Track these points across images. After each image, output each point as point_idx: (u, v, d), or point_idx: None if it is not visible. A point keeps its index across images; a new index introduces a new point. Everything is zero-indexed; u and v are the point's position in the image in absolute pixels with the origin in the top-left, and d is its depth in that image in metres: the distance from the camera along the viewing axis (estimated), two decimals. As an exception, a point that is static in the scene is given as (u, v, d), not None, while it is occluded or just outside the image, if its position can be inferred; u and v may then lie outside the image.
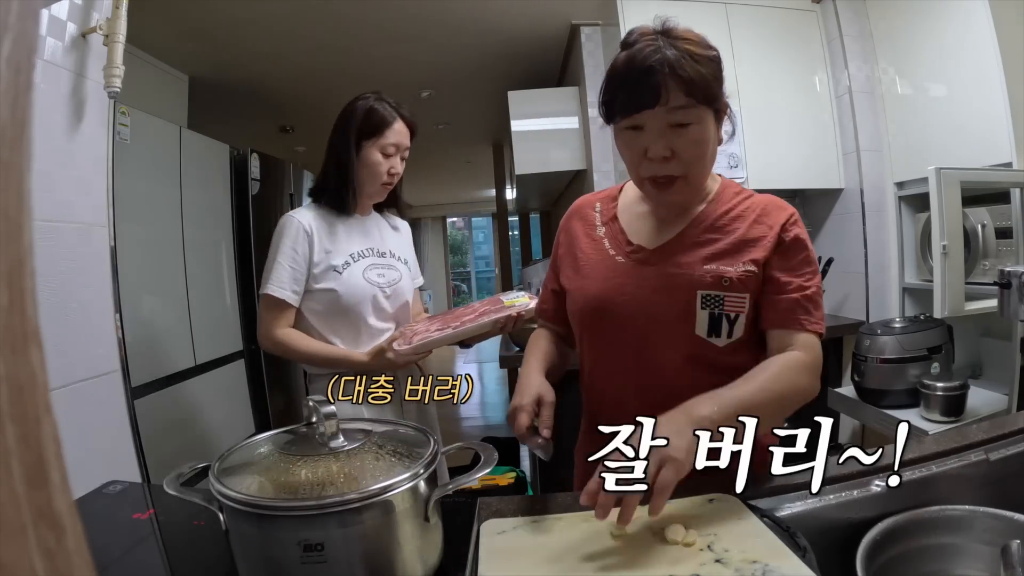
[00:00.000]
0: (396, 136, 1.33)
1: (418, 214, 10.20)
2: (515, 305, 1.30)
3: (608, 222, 0.96)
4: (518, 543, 0.65)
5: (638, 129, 0.80)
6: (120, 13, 1.30)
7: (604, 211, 0.98)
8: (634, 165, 0.84)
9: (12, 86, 0.17)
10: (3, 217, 0.16)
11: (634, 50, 0.79)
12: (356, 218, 1.38)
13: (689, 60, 0.77)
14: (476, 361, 7.00)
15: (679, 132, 0.79)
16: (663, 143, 0.79)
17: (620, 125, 0.82)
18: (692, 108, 0.78)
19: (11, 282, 0.16)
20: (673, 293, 0.85)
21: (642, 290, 0.87)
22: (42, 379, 0.17)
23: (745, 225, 0.87)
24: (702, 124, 0.80)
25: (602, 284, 0.91)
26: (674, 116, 0.78)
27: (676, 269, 0.86)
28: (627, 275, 0.89)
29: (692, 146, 0.80)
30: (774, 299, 0.84)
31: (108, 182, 1.42)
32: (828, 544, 0.67)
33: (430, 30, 2.77)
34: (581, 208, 1.03)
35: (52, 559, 0.17)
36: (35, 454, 0.17)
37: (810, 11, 2.38)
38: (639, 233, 0.92)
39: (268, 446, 0.65)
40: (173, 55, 2.75)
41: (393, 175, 1.35)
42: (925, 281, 2.05)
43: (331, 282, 1.27)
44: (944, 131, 1.92)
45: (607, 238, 0.95)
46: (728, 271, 0.84)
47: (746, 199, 0.90)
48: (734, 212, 0.88)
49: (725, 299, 0.84)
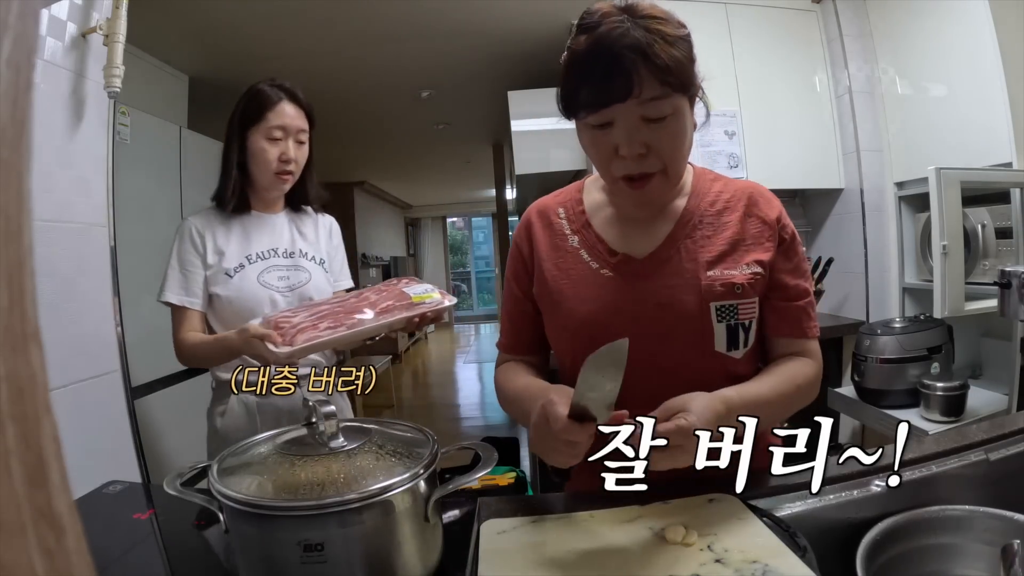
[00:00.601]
0: (281, 118, 1.21)
1: (418, 214, 10.20)
2: (423, 303, 1.11)
3: (580, 230, 0.84)
4: (518, 543, 0.65)
5: (607, 126, 0.71)
6: (120, 13, 1.30)
7: (571, 216, 0.86)
8: (604, 164, 0.74)
9: (12, 86, 0.17)
10: (3, 217, 0.16)
11: (598, 34, 0.68)
12: (258, 216, 1.26)
13: (662, 43, 0.67)
14: (476, 361, 7.00)
15: (654, 126, 0.70)
16: (637, 140, 0.70)
17: (585, 121, 0.73)
18: (667, 98, 0.69)
19: (11, 282, 0.16)
20: (682, 308, 0.77)
21: (643, 308, 0.78)
22: (42, 379, 0.17)
23: (735, 218, 0.81)
24: (678, 114, 0.71)
25: (590, 306, 0.79)
26: (648, 109, 0.69)
27: (678, 280, 0.78)
28: (619, 292, 0.79)
29: (669, 140, 0.72)
30: (782, 306, 0.81)
31: (108, 182, 1.43)
32: (828, 544, 0.67)
33: (430, 30, 2.76)
34: (542, 214, 0.88)
35: (52, 559, 0.17)
36: (35, 454, 0.17)
37: (810, 11, 2.38)
38: (620, 240, 0.82)
39: (268, 446, 0.65)
40: (173, 55, 2.75)
41: (286, 162, 1.22)
42: (925, 281, 2.05)
43: (222, 287, 1.19)
44: (944, 131, 1.92)
45: (584, 248, 0.83)
46: (735, 275, 0.77)
47: (723, 185, 0.84)
48: (718, 204, 0.82)
49: (739, 308, 0.78)
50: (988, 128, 1.72)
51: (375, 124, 4.38)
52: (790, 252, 0.82)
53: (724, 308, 0.77)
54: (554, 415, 0.62)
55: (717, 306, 0.77)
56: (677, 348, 0.77)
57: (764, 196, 0.83)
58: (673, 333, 0.77)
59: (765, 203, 0.82)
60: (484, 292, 11.35)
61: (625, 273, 0.80)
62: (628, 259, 0.80)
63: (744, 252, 0.79)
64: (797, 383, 0.78)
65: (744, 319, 0.78)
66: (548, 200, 0.91)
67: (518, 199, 4.54)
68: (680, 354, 0.78)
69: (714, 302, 0.77)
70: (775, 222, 0.81)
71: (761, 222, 0.81)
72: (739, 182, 0.85)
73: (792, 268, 0.81)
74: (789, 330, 0.81)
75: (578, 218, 0.85)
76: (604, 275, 0.80)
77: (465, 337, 9.36)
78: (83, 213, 1.34)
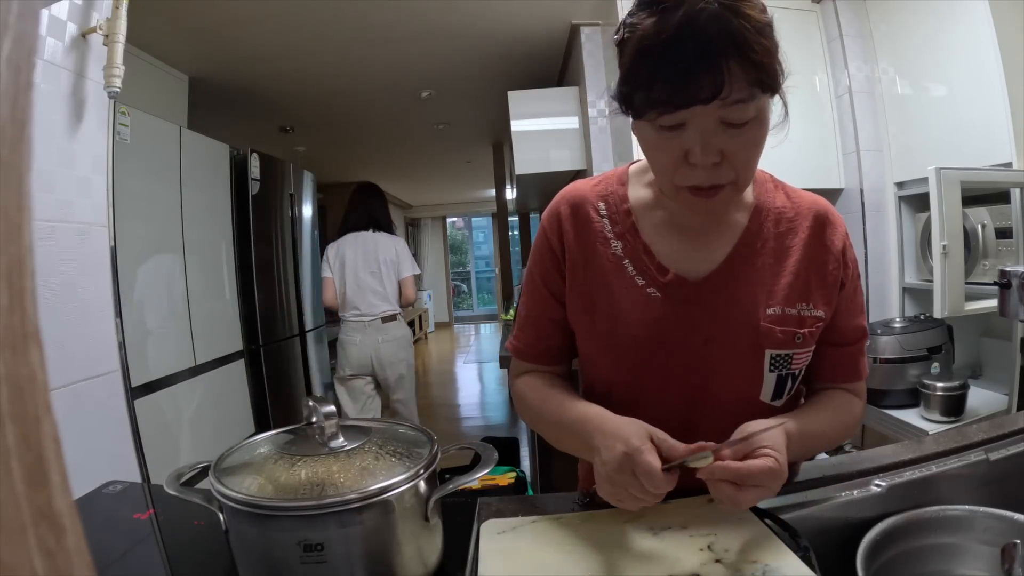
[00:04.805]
0: None
1: (418, 214, 10.21)
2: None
3: (624, 234, 0.72)
4: (518, 543, 0.65)
5: (677, 128, 0.59)
6: (120, 13, 1.30)
7: (614, 216, 0.73)
8: (667, 171, 0.62)
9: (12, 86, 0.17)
10: (3, 217, 0.16)
11: (680, 16, 0.54)
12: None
13: (754, 33, 0.55)
14: (476, 361, 7.00)
15: (732, 131, 0.58)
16: (713, 147, 0.58)
17: (654, 122, 0.60)
18: (753, 100, 0.57)
19: (11, 282, 0.16)
20: (733, 350, 0.69)
21: (691, 342, 0.69)
22: (42, 379, 0.17)
23: (799, 242, 0.70)
24: (760, 118, 0.60)
25: (633, 331, 0.70)
26: (730, 112, 0.57)
27: (734, 312, 0.68)
28: (667, 320, 0.69)
29: (748, 148, 0.60)
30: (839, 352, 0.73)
31: (108, 182, 1.43)
32: (828, 544, 0.67)
33: (430, 30, 2.77)
34: (578, 207, 0.75)
35: (52, 559, 0.17)
36: (35, 454, 0.17)
37: (810, 11, 2.38)
38: (672, 254, 0.71)
39: (268, 446, 0.65)
40: (173, 55, 2.75)
41: None
42: (925, 281, 2.05)
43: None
44: (944, 131, 1.92)
45: (629, 259, 0.71)
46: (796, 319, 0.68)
47: (786, 199, 0.73)
48: (782, 223, 0.71)
49: (794, 357, 0.69)
50: (988, 128, 1.72)
51: (375, 124, 4.39)
52: (853, 288, 0.73)
53: (779, 358, 0.69)
54: (647, 469, 0.55)
55: (773, 354, 0.68)
56: (719, 389, 0.70)
57: (831, 219, 0.73)
58: (718, 373, 0.70)
59: (832, 228, 0.72)
60: (484, 292, 11.35)
61: (675, 297, 0.69)
62: (680, 281, 0.69)
63: (806, 287, 0.70)
64: (847, 423, 0.74)
65: (796, 368, 0.70)
66: (585, 189, 0.76)
67: (518, 199, 4.54)
68: (720, 395, 0.70)
69: (771, 350, 0.68)
70: (840, 253, 0.71)
71: (827, 251, 0.71)
72: (804, 196, 0.74)
73: (853, 307, 0.73)
74: (845, 377, 0.74)
75: (623, 219, 0.73)
76: (651, 295, 0.70)
77: (465, 337, 9.36)
78: (83, 213, 1.34)
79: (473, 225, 11.49)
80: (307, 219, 3.61)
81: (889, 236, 2.24)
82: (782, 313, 0.68)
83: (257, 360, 2.87)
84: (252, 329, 2.85)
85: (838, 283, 0.71)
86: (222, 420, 2.51)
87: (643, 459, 0.55)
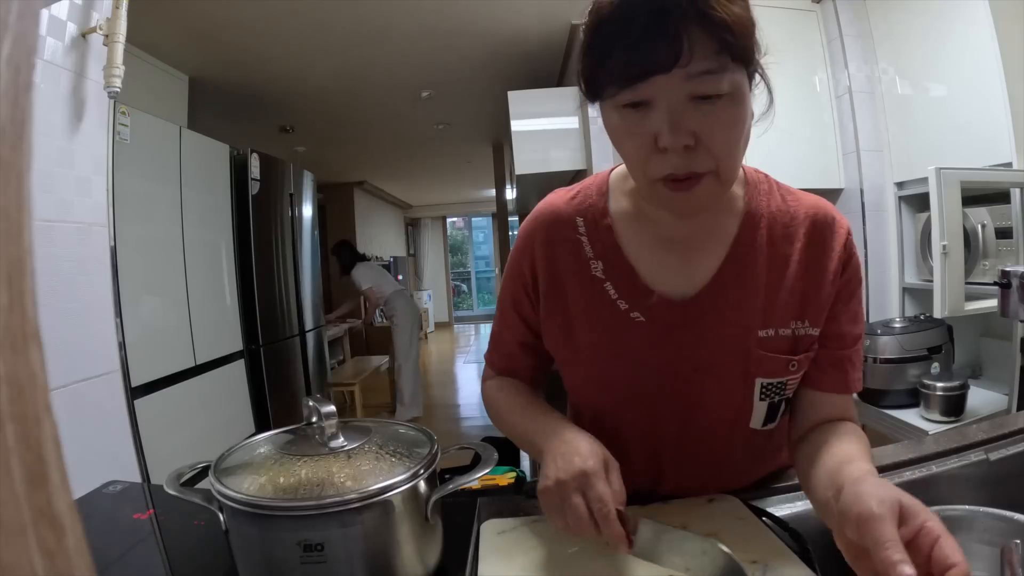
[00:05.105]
0: None
1: (418, 214, 10.20)
2: None
3: (605, 253, 0.67)
4: (518, 543, 0.65)
5: (643, 106, 0.53)
6: (120, 13, 1.30)
7: (593, 233, 0.67)
8: (639, 161, 0.56)
9: (12, 86, 0.17)
10: (3, 217, 0.16)
11: None
12: None
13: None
14: (476, 361, 7.00)
15: (706, 108, 0.52)
16: (683, 126, 0.52)
17: (614, 101, 0.54)
18: (724, 72, 0.51)
19: (11, 282, 0.16)
20: (722, 379, 0.65)
21: (677, 371, 0.65)
22: (42, 379, 0.17)
23: (796, 251, 0.64)
24: (737, 95, 0.53)
25: (615, 361, 0.66)
26: (698, 84, 0.51)
27: (724, 333, 0.63)
28: (652, 347, 0.65)
29: (724, 129, 0.54)
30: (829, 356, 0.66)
31: (108, 182, 1.43)
32: (828, 544, 0.67)
33: (430, 30, 2.77)
34: (553, 227, 0.69)
35: (52, 559, 0.17)
36: (35, 454, 0.17)
37: (810, 11, 2.38)
38: (656, 271, 0.65)
39: (268, 446, 0.65)
40: (173, 55, 2.75)
41: None
42: (925, 281, 2.05)
43: None
44: (944, 131, 1.92)
45: (610, 280, 0.66)
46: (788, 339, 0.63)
47: (782, 202, 0.67)
48: (776, 230, 0.65)
49: (787, 384, 0.65)
50: (988, 128, 1.72)
51: (375, 124, 4.39)
52: (850, 293, 0.66)
53: (771, 386, 0.65)
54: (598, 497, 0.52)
55: (764, 383, 0.64)
56: (706, 418, 0.67)
57: (833, 223, 0.66)
58: (705, 402, 0.66)
59: (833, 234, 0.66)
60: (484, 292, 11.35)
61: (661, 321, 0.64)
62: (666, 303, 0.64)
63: (802, 302, 0.64)
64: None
65: (789, 392, 0.67)
66: (560, 204, 0.70)
67: (518, 199, 4.54)
68: (707, 423, 0.68)
69: (761, 378, 0.64)
70: (837, 257, 0.65)
71: (827, 260, 0.65)
72: (803, 198, 0.68)
73: (849, 313, 0.66)
74: (832, 384, 0.66)
75: (603, 236, 0.67)
76: (635, 320, 0.65)
77: (465, 337, 9.36)
78: (83, 213, 1.34)
79: (473, 225, 11.49)
80: (307, 219, 3.62)
81: (889, 236, 2.24)
82: (775, 335, 0.64)
83: (257, 360, 2.87)
84: (252, 329, 2.85)
85: (835, 290, 0.66)
86: (222, 420, 2.51)
87: (595, 485, 0.53)
